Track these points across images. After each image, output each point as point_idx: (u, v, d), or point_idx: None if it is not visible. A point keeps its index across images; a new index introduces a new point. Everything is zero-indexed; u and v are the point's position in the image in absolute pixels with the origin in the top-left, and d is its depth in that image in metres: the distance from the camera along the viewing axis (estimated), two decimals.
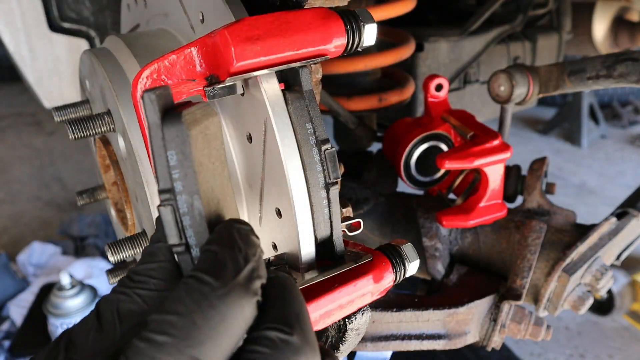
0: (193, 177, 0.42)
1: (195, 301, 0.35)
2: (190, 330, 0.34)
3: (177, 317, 0.35)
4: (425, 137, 1.06)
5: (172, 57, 0.51)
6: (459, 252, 1.08)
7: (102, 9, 1.28)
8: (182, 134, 0.41)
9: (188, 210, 0.42)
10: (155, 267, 0.43)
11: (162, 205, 0.42)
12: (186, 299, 0.35)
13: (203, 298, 0.35)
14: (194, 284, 0.36)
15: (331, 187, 0.54)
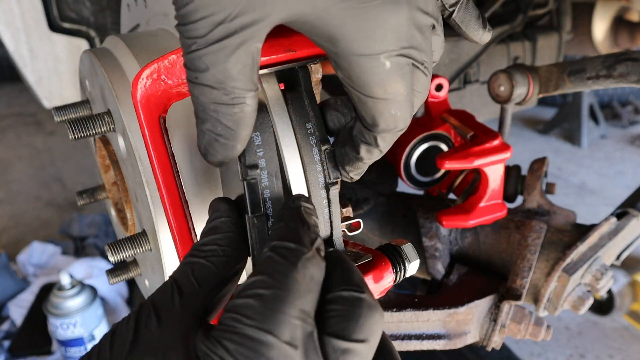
0: (275, 155, 0.50)
1: (290, 262, 0.40)
2: (291, 284, 0.39)
3: (277, 275, 0.39)
4: (425, 137, 1.06)
5: (172, 57, 0.51)
6: (459, 252, 1.08)
7: (102, 9, 1.28)
8: (266, 118, 0.50)
9: (269, 184, 0.49)
10: (222, 237, 0.47)
11: (249, 178, 0.48)
12: (281, 260, 0.40)
13: (296, 259, 0.40)
14: (284, 250, 0.41)
15: (331, 187, 0.54)
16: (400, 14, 0.43)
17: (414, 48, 0.45)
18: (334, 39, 0.43)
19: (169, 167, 0.55)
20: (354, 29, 0.42)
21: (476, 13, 0.52)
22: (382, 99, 0.46)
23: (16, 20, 1.24)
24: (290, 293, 0.38)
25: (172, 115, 0.64)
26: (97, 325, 2.18)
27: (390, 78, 0.45)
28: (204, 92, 0.43)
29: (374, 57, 0.44)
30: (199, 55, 0.41)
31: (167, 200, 0.55)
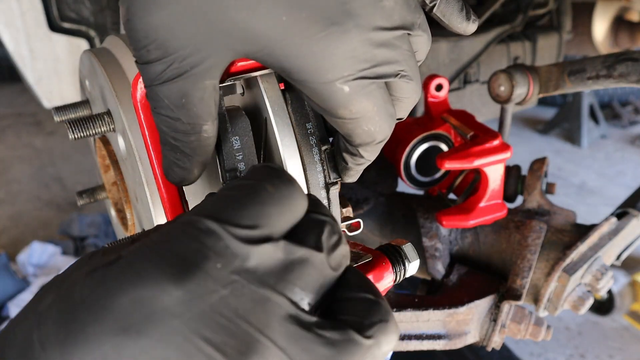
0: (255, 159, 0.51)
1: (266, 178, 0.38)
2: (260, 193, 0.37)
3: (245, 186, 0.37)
4: (425, 137, 1.06)
5: None
6: (459, 252, 1.08)
7: (102, 9, 1.28)
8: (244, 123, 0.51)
9: None
10: None
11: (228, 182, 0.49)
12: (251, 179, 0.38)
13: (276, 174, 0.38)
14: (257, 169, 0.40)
15: (331, 187, 0.54)
16: (350, 41, 0.43)
17: (378, 65, 0.45)
18: (287, 71, 0.45)
19: None
20: (305, 61, 0.43)
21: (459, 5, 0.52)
22: (350, 119, 0.47)
23: (16, 20, 1.24)
24: (257, 197, 0.36)
25: None
26: None
27: (352, 100, 0.45)
28: (163, 121, 0.46)
29: (330, 84, 0.44)
30: (156, 91, 0.45)
31: (167, 200, 0.55)
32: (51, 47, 1.31)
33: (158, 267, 0.33)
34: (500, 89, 1.05)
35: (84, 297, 0.33)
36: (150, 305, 0.32)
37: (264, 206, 0.36)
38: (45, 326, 0.33)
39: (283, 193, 0.37)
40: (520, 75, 1.03)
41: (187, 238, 0.34)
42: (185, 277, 0.32)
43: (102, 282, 0.33)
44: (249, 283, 0.34)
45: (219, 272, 0.33)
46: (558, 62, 1.07)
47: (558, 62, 1.07)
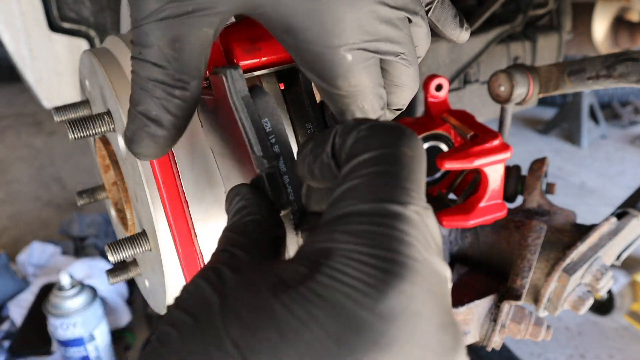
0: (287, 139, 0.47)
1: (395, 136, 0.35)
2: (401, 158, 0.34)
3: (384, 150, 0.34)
4: (425, 137, 1.06)
5: None
6: (459, 252, 1.08)
7: (102, 9, 1.28)
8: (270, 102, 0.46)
9: (287, 170, 0.47)
10: (254, 208, 0.43)
11: (269, 168, 0.45)
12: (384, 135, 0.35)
13: (401, 133, 0.35)
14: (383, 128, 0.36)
15: None
16: (359, 9, 0.43)
17: (380, 41, 0.45)
18: (293, 31, 0.43)
19: (169, 167, 0.55)
20: (312, 22, 0.42)
21: (453, 12, 0.52)
22: (347, 93, 0.46)
23: (16, 20, 1.24)
24: (405, 167, 0.33)
25: None
26: (97, 325, 2.18)
27: (353, 70, 0.45)
28: (145, 69, 0.41)
29: (335, 49, 0.43)
30: (146, 30, 0.40)
31: (167, 200, 0.55)
32: (51, 47, 1.31)
33: (380, 269, 0.30)
34: (500, 89, 1.05)
35: (303, 321, 0.29)
36: (395, 310, 0.29)
37: (419, 175, 0.34)
38: (256, 357, 0.28)
39: (419, 155, 0.35)
40: (520, 75, 1.02)
41: (381, 228, 0.31)
42: (408, 272, 0.30)
43: (318, 299, 0.29)
44: (436, 259, 0.32)
45: (421, 255, 0.31)
46: (558, 62, 1.07)
47: (558, 62, 1.07)
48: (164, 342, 0.31)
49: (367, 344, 0.28)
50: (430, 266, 0.31)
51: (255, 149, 0.46)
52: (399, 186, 0.32)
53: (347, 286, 0.29)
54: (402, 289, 0.29)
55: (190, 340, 0.30)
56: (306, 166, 0.40)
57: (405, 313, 0.29)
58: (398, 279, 0.29)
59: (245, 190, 0.46)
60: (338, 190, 0.34)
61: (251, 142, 0.46)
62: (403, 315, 0.29)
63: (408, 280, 0.30)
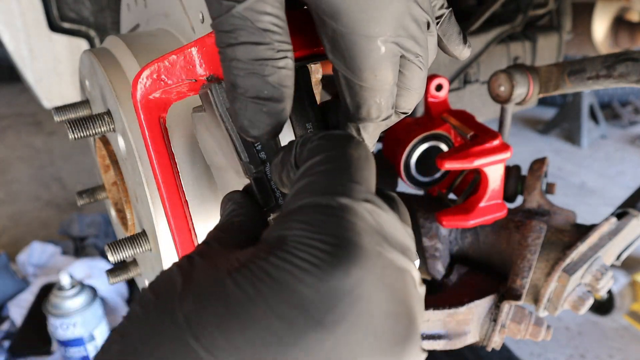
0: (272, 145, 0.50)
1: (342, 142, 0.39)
2: (349, 159, 0.37)
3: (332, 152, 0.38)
4: (425, 137, 1.06)
5: (172, 57, 0.51)
6: (459, 252, 1.08)
7: (102, 9, 1.28)
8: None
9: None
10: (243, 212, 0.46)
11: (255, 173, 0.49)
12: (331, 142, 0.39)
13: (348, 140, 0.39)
14: (332, 136, 0.40)
15: None
16: (400, 3, 0.44)
17: (409, 38, 0.46)
18: (338, 14, 0.43)
19: (169, 167, 0.55)
20: (359, 8, 0.43)
21: (458, 29, 0.54)
22: (370, 86, 0.47)
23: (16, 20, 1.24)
24: (351, 165, 0.37)
25: (172, 115, 0.64)
26: (97, 325, 2.18)
27: (382, 64, 0.46)
28: (247, 51, 0.42)
29: (372, 39, 0.44)
30: (236, 14, 0.41)
31: (167, 200, 0.55)
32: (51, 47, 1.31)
33: (327, 252, 0.32)
34: (500, 89, 1.05)
35: (249, 296, 0.31)
36: (340, 291, 0.31)
37: (367, 172, 0.37)
38: (207, 332, 0.30)
39: (366, 156, 0.38)
40: (520, 75, 1.02)
41: (331, 218, 0.33)
42: (356, 256, 0.32)
43: (266, 276, 0.31)
44: (391, 253, 0.34)
45: (371, 244, 0.33)
46: (558, 62, 1.07)
47: (558, 62, 1.07)
48: (130, 318, 0.34)
49: (310, 322, 0.30)
50: (383, 257, 0.33)
51: (242, 156, 0.49)
52: (348, 181, 0.36)
53: (294, 267, 0.31)
54: (348, 271, 0.31)
55: (150, 315, 0.33)
56: (276, 175, 0.44)
57: (352, 295, 0.31)
58: (344, 261, 0.31)
59: (237, 196, 0.49)
60: (294, 188, 0.37)
61: (238, 149, 0.49)
62: (349, 297, 0.31)
63: (355, 264, 0.32)
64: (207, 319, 0.31)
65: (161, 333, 0.31)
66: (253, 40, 0.42)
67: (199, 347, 0.30)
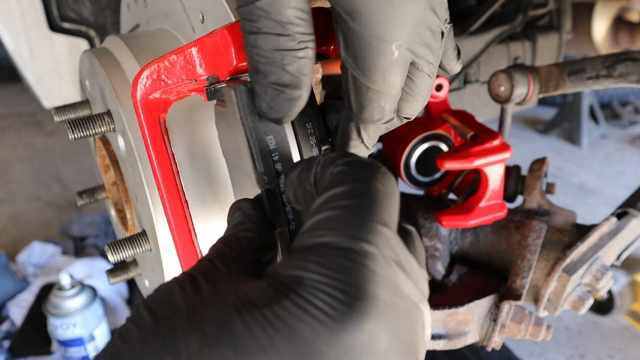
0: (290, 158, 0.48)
1: (368, 172, 0.37)
2: (374, 193, 0.35)
3: (357, 184, 0.36)
4: (425, 137, 1.06)
5: (172, 57, 0.51)
6: (459, 252, 1.08)
7: (102, 9, 1.28)
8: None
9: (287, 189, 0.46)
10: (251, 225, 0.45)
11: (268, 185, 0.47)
12: (357, 171, 0.37)
13: (374, 170, 0.37)
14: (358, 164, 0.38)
15: None
16: (417, 10, 0.44)
17: (422, 45, 0.46)
18: (357, 14, 0.43)
19: (169, 167, 0.55)
20: (379, 10, 0.43)
21: (454, 45, 0.54)
22: (377, 88, 0.47)
23: (16, 20, 1.24)
24: (378, 202, 0.35)
25: (172, 115, 0.64)
26: (97, 325, 2.18)
27: (392, 68, 0.46)
28: (268, 41, 0.43)
29: (387, 42, 0.44)
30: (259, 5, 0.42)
31: (167, 200, 0.55)
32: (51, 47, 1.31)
33: (345, 304, 0.30)
34: (500, 89, 1.05)
35: (261, 344, 0.29)
36: (356, 348, 0.29)
37: (392, 209, 0.35)
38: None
39: (391, 191, 0.37)
40: (520, 75, 1.02)
41: (352, 265, 0.31)
42: (373, 310, 0.30)
43: (280, 324, 0.29)
44: (407, 304, 0.33)
45: (389, 297, 0.31)
46: (558, 62, 1.07)
47: (558, 62, 1.07)
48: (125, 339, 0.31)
49: None
50: (399, 309, 0.32)
51: (257, 165, 0.47)
52: (373, 222, 0.33)
53: (310, 316, 0.29)
54: (364, 327, 0.29)
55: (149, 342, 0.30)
56: (292, 191, 0.42)
57: (367, 351, 0.29)
58: (360, 315, 0.30)
59: (246, 206, 0.47)
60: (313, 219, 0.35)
61: (254, 157, 0.47)
62: (365, 353, 0.29)
63: (371, 318, 0.30)
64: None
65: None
66: (274, 32, 0.43)
67: None
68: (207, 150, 0.67)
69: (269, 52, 0.44)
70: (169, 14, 0.71)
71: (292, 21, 0.43)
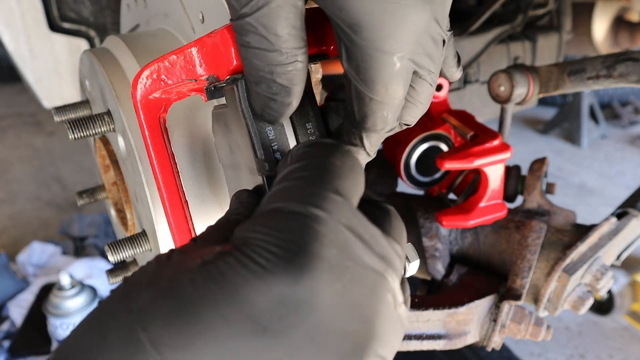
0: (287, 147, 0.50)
1: (328, 151, 0.39)
2: (329, 167, 0.37)
3: (314, 160, 0.38)
4: (425, 137, 1.06)
5: (172, 57, 0.51)
6: (459, 252, 1.08)
7: (102, 9, 1.28)
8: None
9: None
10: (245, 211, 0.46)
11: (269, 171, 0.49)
12: (317, 150, 0.39)
13: (335, 149, 0.39)
14: (320, 144, 0.41)
15: None
16: (421, 20, 0.44)
17: (425, 55, 0.46)
18: (357, 27, 0.44)
19: (169, 167, 0.55)
20: (380, 23, 0.43)
21: (454, 51, 0.54)
22: (380, 99, 0.47)
23: (16, 20, 1.24)
24: (332, 173, 0.36)
25: (172, 115, 0.64)
26: None
27: (395, 79, 0.46)
28: (258, 56, 0.44)
29: (389, 54, 0.44)
30: (249, 21, 0.43)
31: (167, 200, 0.55)
32: (51, 47, 1.31)
33: (283, 258, 0.31)
34: (500, 89, 1.05)
35: (201, 294, 0.31)
36: (291, 300, 0.30)
37: (348, 182, 0.36)
38: (155, 325, 0.31)
39: (350, 166, 0.38)
40: (520, 75, 1.02)
41: (297, 226, 0.33)
42: (313, 266, 0.31)
43: (219, 276, 0.31)
44: (363, 269, 0.33)
45: (337, 258, 0.32)
46: (558, 62, 1.07)
47: (558, 62, 1.07)
48: (99, 303, 0.35)
49: (255, 327, 0.30)
50: (352, 272, 0.33)
51: (258, 153, 0.49)
52: (325, 190, 0.35)
53: (246, 269, 0.31)
54: (301, 281, 0.31)
55: (112, 301, 0.34)
56: None
57: (305, 306, 0.30)
58: (298, 270, 0.31)
59: (243, 195, 0.49)
60: (270, 192, 0.37)
61: (255, 146, 0.49)
62: (302, 308, 0.30)
63: (310, 274, 0.31)
64: (158, 312, 0.31)
65: (114, 319, 0.32)
66: (262, 47, 0.43)
67: (145, 339, 0.30)
68: (207, 150, 0.67)
69: (258, 65, 0.45)
70: (169, 14, 0.71)
71: (281, 36, 0.43)
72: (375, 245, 0.35)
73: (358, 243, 0.34)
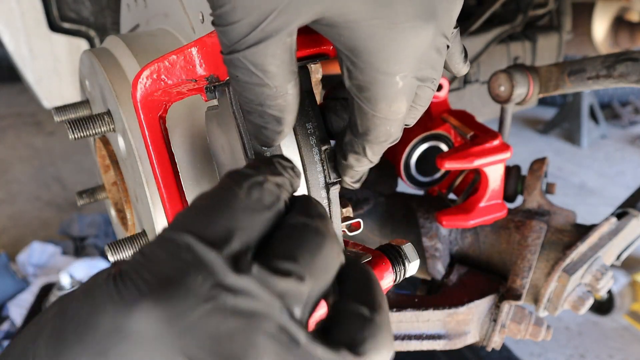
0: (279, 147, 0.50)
1: (236, 181, 0.38)
2: (229, 198, 0.36)
3: (217, 190, 0.37)
4: (425, 137, 1.06)
5: (172, 57, 0.51)
6: (459, 252, 1.08)
7: (102, 9, 1.28)
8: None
9: None
10: None
11: None
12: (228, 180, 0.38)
13: (244, 179, 0.38)
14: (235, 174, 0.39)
15: (331, 187, 0.54)
16: (424, 40, 0.44)
17: (429, 68, 0.47)
18: (357, 51, 0.44)
19: (169, 167, 0.55)
20: (379, 46, 0.43)
21: (461, 47, 0.54)
22: (383, 116, 0.47)
23: (16, 20, 1.24)
24: (225, 204, 0.35)
25: (172, 115, 0.64)
26: None
27: (398, 97, 0.46)
28: (247, 89, 0.44)
29: (391, 75, 0.44)
30: (238, 57, 0.42)
31: (167, 200, 0.55)
32: (51, 47, 1.31)
33: (138, 288, 0.32)
34: (500, 89, 1.05)
35: (74, 315, 0.33)
36: (128, 327, 0.31)
37: (235, 212, 0.35)
38: (41, 340, 0.33)
39: (254, 197, 0.36)
40: (520, 75, 1.02)
41: (165, 255, 0.33)
42: (165, 295, 0.31)
43: (91, 301, 0.33)
44: (233, 296, 0.32)
45: (200, 287, 0.32)
46: (558, 62, 1.07)
47: (558, 62, 1.07)
48: (49, 307, 0.37)
49: (100, 350, 0.31)
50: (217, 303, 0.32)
51: (248, 153, 0.49)
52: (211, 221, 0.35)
53: (108, 300, 0.32)
54: (131, 313, 0.31)
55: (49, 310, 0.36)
56: None
57: (135, 336, 0.31)
58: (136, 301, 0.32)
59: None
60: None
61: (245, 145, 0.49)
62: (131, 338, 0.31)
63: (144, 305, 0.32)
64: (44, 331, 0.34)
65: (23, 334, 0.36)
66: (252, 82, 0.43)
67: (31, 355, 0.34)
68: (207, 150, 0.67)
69: (248, 98, 0.45)
70: (169, 14, 0.71)
71: (270, 72, 0.43)
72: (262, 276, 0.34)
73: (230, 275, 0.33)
